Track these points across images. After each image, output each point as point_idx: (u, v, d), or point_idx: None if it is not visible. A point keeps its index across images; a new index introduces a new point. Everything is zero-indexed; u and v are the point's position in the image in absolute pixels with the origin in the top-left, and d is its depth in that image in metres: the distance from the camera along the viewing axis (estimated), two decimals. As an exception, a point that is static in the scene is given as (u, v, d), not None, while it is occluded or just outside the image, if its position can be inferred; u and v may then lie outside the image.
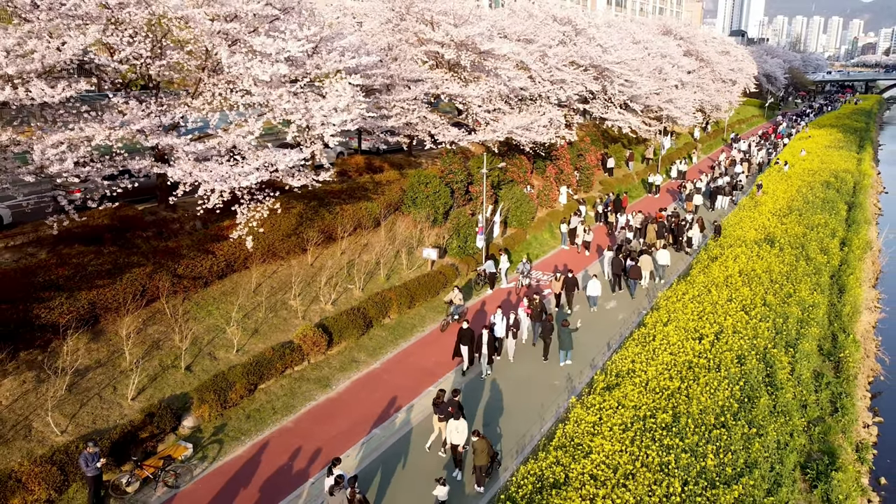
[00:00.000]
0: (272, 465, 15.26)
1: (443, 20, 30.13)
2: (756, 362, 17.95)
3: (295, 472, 15.05)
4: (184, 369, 17.24)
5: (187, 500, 14.02)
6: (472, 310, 24.48)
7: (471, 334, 19.58)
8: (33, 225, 19.44)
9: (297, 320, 20.53)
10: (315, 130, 20.44)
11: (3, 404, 14.52)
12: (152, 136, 16.82)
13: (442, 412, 15.59)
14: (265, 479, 14.74)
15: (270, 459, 15.46)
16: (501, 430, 16.95)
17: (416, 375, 19.39)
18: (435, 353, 20.80)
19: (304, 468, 15.20)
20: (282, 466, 15.22)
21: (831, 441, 16.16)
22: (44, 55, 14.28)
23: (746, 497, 12.84)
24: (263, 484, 14.59)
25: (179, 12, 18.06)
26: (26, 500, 12.78)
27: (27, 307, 15.86)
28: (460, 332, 19.62)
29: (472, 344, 19.65)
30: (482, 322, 22.55)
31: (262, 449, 15.86)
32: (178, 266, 19.24)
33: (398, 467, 15.50)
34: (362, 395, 18.40)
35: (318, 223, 23.74)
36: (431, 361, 20.35)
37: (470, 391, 18.79)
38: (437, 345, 21.38)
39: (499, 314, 20.68)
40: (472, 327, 20.93)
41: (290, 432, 16.62)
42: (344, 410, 17.59)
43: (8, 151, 13.98)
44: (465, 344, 19.55)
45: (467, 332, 19.54)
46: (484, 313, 24.00)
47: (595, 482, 13.27)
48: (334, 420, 17.12)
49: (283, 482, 14.67)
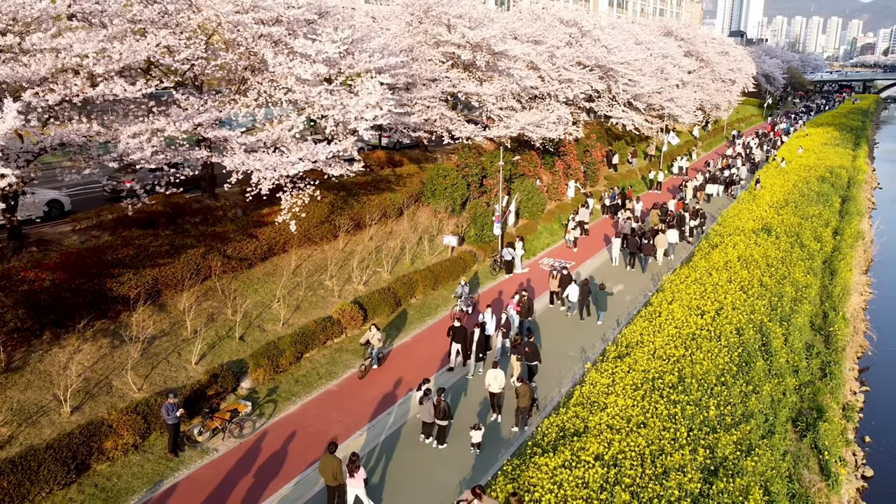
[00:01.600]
0: (323, 420, 17.16)
1: (458, 23, 32.03)
2: (753, 333, 19.84)
3: (344, 426, 16.94)
4: (238, 339, 19.15)
5: (251, 448, 15.92)
6: (490, 294, 26.36)
7: (464, 332, 19.82)
8: (96, 210, 21.36)
9: (334, 298, 22.43)
10: (350, 125, 22.31)
11: (85, 366, 16.40)
12: (209, 129, 18.72)
13: (519, 352, 18.91)
14: (318, 432, 16.63)
15: (321, 416, 17.36)
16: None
17: (443, 348, 21.22)
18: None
19: (352, 423, 17.10)
20: (331, 422, 17.11)
21: (820, 401, 18.03)
22: (122, 56, 16.18)
23: (744, 441, 14.72)
24: (317, 435, 16.46)
25: (231, 17, 20.01)
26: (117, 443, 14.68)
27: (101, 282, 17.76)
28: (453, 330, 19.78)
29: (465, 342, 19.92)
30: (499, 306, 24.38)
31: (312, 407, 17.77)
32: (227, 248, 21.16)
33: (465, 395, 17.85)
34: (397, 363, 20.29)
35: (347, 212, 25.66)
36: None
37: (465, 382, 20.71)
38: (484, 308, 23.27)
39: (489, 313, 20.93)
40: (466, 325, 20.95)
41: (335, 394, 18.53)
42: (381, 377, 19.48)
43: (93, 141, 15.83)
44: (458, 342, 19.83)
45: (460, 330, 19.73)
46: (501, 298, 25.88)
47: (611, 430, 15.14)
48: (374, 385, 19.01)
49: (333, 434, 16.55)
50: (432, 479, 14.97)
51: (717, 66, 68.75)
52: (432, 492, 14.54)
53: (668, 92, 51.10)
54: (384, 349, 20.79)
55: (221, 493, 14.39)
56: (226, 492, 14.42)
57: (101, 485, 14.14)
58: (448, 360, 20.27)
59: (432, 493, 14.51)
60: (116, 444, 14.66)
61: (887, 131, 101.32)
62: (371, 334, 19.32)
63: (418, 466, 15.47)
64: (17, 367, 15.64)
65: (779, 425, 15.94)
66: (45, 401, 15.24)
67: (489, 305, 21.88)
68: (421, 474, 15.17)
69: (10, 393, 15.02)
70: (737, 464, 13.76)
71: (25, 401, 15.02)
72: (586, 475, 13.22)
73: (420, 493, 14.50)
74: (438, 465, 15.49)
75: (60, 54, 15.27)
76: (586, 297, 23.75)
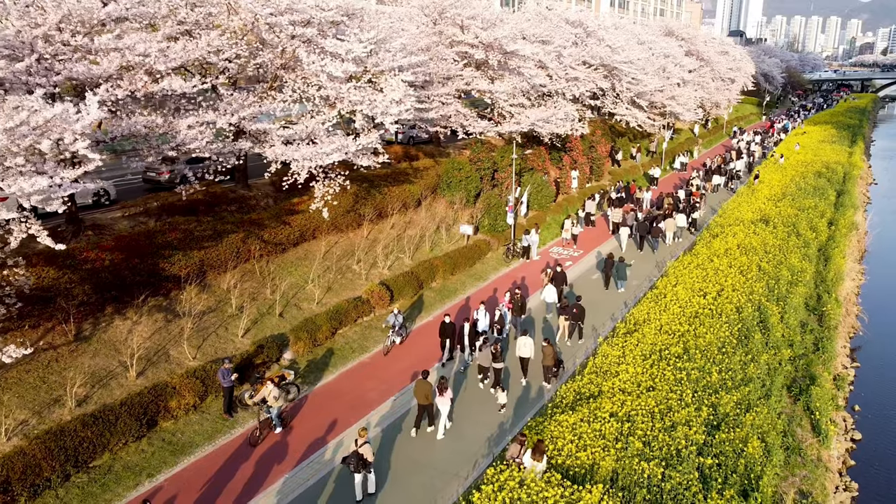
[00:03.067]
0: (359, 387, 18.80)
1: (472, 24, 33.66)
2: (752, 311, 21.49)
3: (379, 392, 18.59)
4: (277, 315, 20.80)
5: (297, 410, 17.56)
6: (503, 280, 27.99)
7: (452, 328, 20.27)
8: (143, 199, 23.02)
9: (362, 281, 24.07)
10: (377, 119, 23.92)
11: (144, 336, 18.03)
12: (252, 122, 20.34)
13: (567, 314, 21.79)
14: (355, 397, 18.28)
15: (356, 384, 19.01)
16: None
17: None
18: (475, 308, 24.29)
19: (386, 390, 18.75)
20: (367, 389, 18.76)
21: (813, 371, 19.68)
22: (179, 55, 17.80)
23: (743, 401, 16.37)
24: (355, 400, 18.12)
25: (268, 19, 21.63)
26: (180, 403, 16.32)
27: (154, 262, 19.39)
28: (442, 325, 20.26)
29: (453, 337, 20.40)
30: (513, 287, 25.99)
31: (348, 377, 19.43)
32: (263, 234, 22.79)
33: (464, 383, 19.24)
34: (421, 340, 21.94)
35: (370, 202, 27.30)
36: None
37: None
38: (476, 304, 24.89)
39: (482, 310, 21.25)
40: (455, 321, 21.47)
41: (368, 366, 20.19)
42: (409, 351, 21.13)
43: (154, 132, 17.45)
44: (447, 336, 20.27)
45: (449, 325, 20.19)
46: (517, 281, 27.53)
47: (623, 393, 16.77)
48: (403, 357, 20.66)
49: (371, 398, 18.20)
50: (464, 436, 16.62)
51: (717, 66, 70.40)
52: (464, 445, 16.18)
53: (669, 90, 52.73)
54: (278, 409, 16.59)
55: (272, 449, 16.03)
56: (277, 448, 16.06)
57: (167, 439, 15.78)
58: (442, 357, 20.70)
59: (464, 446, 16.15)
60: (179, 404, 16.30)
61: (884, 129, 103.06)
62: (268, 390, 15.97)
63: (455, 422, 17.09)
64: (86, 337, 17.27)
65: (775, 390, 17.59)
66: (113, 366, 16.88)
67: (483, 303, 22.42)
68: (453, 432, 16.80)
69: (81, 359, 16.65)
70: (737, 419, 15.41)
71: (95, 366, 16.65)
72: (603, 428, 14.86)
73: (452, 447, 16.14)
74: (467, 424, 17.13)
75: (125, 53, 16.89)
76: (610, 269, 26.89)
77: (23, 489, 13.15)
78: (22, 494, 13.15)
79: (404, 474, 15.15)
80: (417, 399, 16.40)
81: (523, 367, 19.27)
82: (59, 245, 13.14)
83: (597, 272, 28.99)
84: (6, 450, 13.75)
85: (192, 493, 14.28)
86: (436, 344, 21.31)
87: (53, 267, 17.24)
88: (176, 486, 14.53)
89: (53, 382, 15.76)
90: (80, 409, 15.33)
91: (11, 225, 13.02)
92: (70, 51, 16.64)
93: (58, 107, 12.86)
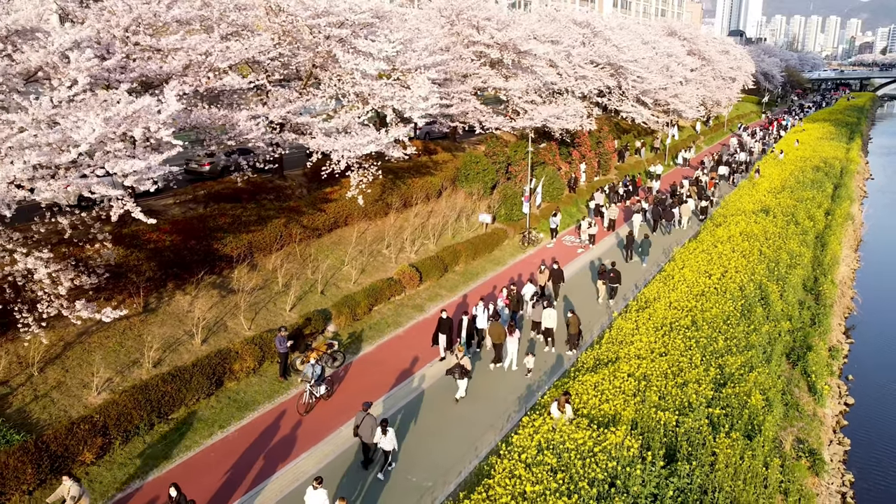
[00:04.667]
0: (397, 357, 20.68)
1: (487, 25, 35.57)
2: (753, 289, 23.36)
3: (415, 360, 20.47)
4: (319, 293, 22.68)
5: (342, 375, 19.45)
6: (520, 266, 29.87)
7: (449, 323, 20.53)
8: (193, 187, 24.93)
9: (392, 264, 25.95)
10: (406, 114, 25.81)
11: (203, 309, 19.89)
12: (296, 116, 22.22)
13: (605, 278, 25.20)
14: (394, 364, 20.16)
15: (394, 354, 20.89)
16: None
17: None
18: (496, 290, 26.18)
19: (421, 358, 20.63)
20: (404, 358, 20.63)
21: (809, 341, 21.56)
22: (236, 53, 19.70)
23: (747, 364, 18.23)
24: (394, 367, 20.00)
25: (308, 21, 23.53)
26: (242, 366, 18.20)
27: (209, 244, 21.28)
28: (440, 321, 20.55)
29: (451, 332, 20.57)
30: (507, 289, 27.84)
31: (386, 348, 21.32)
32: (302, 219, 24.68)
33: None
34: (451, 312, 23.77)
35: (396, 192, 29.18)
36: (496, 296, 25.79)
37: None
38: (497, 287, 26.79)
39: (480, 306, 21.54)
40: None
41: (402, 339, 22.07)
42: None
43: (214, 123, 19.32)
44: (444, 332, 20.46)
45: (446, 321, 20.45)
46: (514, 279, 29.41)
47: (639, 358, 18.64)
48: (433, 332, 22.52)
49: (408, 367, 20.06)
50: (497, 394, 18.53)
51: (718, 65, 72.27)
52: (497, 402, 18.08)
53: (673, 88, 54.61)
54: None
55: (323, 407, 17.90)
56: (326, 406, 17.93)
57: (232, 397, 17.67)
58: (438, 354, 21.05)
59: (497, 402, 18.05)
60: (242, 367, 18.18)
61: (882, 127, 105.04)
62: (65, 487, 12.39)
63: (485, 386, 18.99)
64: (153, 309, 19.16)
65: (775, 356, 19.46)
66: (179, 334, 18.77)
67: (481, 299, 22.76)
68: (489, 391, 18.70)
69: (151, 328, 18.54)
70: (741, 378, 17.28)
71: (164, 334, 18.54)
72: (622, 385, 16.74)
73: (489, 403, 18.03)
74: (500, 384, 19.05)
75: (189, 52, 18.77)
76: (630, 245, 30.62)
77: (117, 434, 15.03)
78: (117, 438, 15.03)
79: (447, 428, 17.03)
80: (492, 338, 20.15)
81: (546, 337, 21.12)
82: (150, 220, 14.99)
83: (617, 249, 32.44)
84: (97, 402, 15.64)
85: (261, 442, 16.16)
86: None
87: (122, 246, 19.13)
88: (244, 436, 16.41)
89: (130, 347, 17.66)
90: (155, 369, 17.21)
91: (112, 202, 14.86)
92: (140, 50, 18.54)
93: (142, 100, 14.73)
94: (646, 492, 12.99)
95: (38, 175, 13.20)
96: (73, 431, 14.25)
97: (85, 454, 14.32)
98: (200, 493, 14.01)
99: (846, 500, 16.58)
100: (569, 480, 13.13)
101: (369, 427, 14.82)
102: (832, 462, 17.57)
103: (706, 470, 13.78)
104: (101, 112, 14.02)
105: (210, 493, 14.30)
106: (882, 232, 42.58)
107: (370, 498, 14.46)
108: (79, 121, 13.59)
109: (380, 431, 14.71)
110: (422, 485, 14.80)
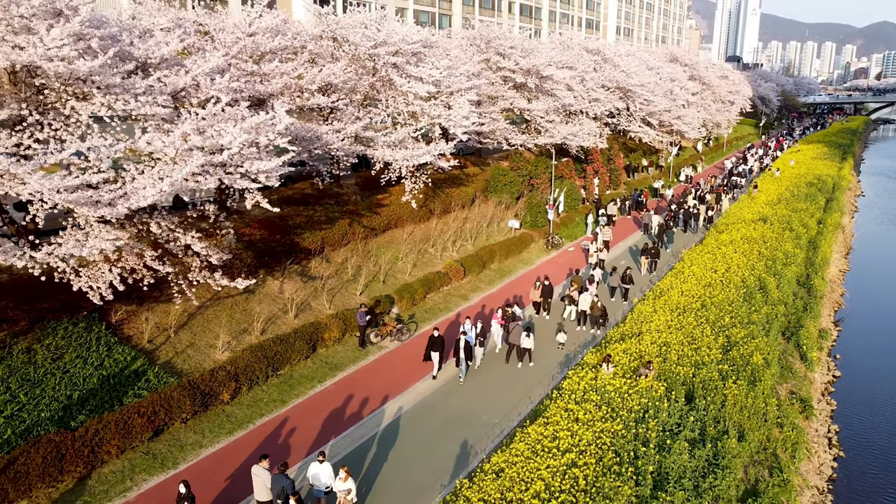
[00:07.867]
0: (450, 335, 24.34)
1: (512, 53, 39.77)
2: (754, 281, 27.13)
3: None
4: (381, 282, 26.43)
5: (409, 347, 23.11)
6: (544, 267, 33.63)
7: (441, 342, 20.95)
8: (269, 191, 28.70)
9: (437, 260, 29.75)
10: (450, 131, 29.77)
11: (292, 291, 23.64)
12: (364, 131, 26.16)
13: (647, 254, 31.87)
14: (449, 340, 23.81)
15: (448, 332, 24.55)
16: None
17: (520, 295, 28.49)
18: (528, 286, 29.89)
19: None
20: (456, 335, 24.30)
21: (802, 322, 25.29)
22: (322, 77, 23.67)
23: (750, 335, 21.95)
24: (449, 341, 23.66)
25: (369, 51, 27.59)
26: (330, 335, 21.91)
27: (290, 238, 25.09)
28: (431, 339, 20.93)
29: (442, 350, 20.90)
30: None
31: (441, 327, 24.99)
32: (362, 220, 28.52)
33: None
34: (491, 302, 27.54)
35: (437, 200, 33.08)
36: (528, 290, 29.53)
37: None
38: (529, 283, 30.52)
39: (468, 324, 22.19)
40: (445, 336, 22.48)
41: (452, 322, 25.77)
42: (481, 311, 26.72)
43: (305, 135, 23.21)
44: (436, 350, 20.81)
45: (438, 339, 20.88)
46: (513, 297, 33.16)
47: (658, 332, 22.36)
48: (477, 315, 26.24)
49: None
50: (537, 363, 22.20)
51: (718, 89, 76.80)
52: (535, 370, 21.76)
53: (676, 110, 58.90)
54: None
55: (395, 370, 21.53)
56: (398, 370, 21.56)
57: (323, 360, 21.34)
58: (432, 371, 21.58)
59: (535, 369, 21.72)
60: (330, 336, 21.89)
61: (874, 149, 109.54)
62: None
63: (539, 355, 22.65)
64: (251, 291, 22.90)
65: (772, 331, 23.18)
66: (275, 311, 22.50)
67: (468, 317, 23.53)
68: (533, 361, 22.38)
69: (252, 305, 22.27)
70: (745, 344, 20.99)
71: (262, 311, 22.25)
72: (647, 349, 20.45)
73: (526, 370, 21.70)
74: (540, 354, 22.73)
75: (285, 76, 22.75)
76: (662, 233, 36.57)
77: (245, 381, 18.71)
78: (244, 384, 18.71)
79: (507, 383, 20.70)
80: (533, 297, 25.98)
81: (579, 319, 24.86)
82: (275, 209, 18.81)
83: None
84: (223, 358, 19.34)
85: (353, 392, 19.80)
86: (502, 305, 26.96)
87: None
88: (340, 389, 20.04)
89: (239, 318, 21.39)
90: (262, 336, 20.92)
91: (246, 194, 18.68)
92: (247, 74, 22.52)
93: (262, 115, 18.61)
94: (672, 421, 16.67)
95: (201, 171, 17.03)
96: (214, 376, 17.94)
97: (223, 394, 17.99)
98: (312, 429, 17.65)
99: (832, 443, 20.22)
100: (611, 411, 16.82)
101: (518, 333, 21.94)
102: (820, 416, 21.21)
103: (718, 406, 17.47)
104: (237, 123, 17.93)
105: (318, 429, 17.90)
106: (870, 241, 46.48)
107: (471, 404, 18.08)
108: (222, 130, 17.47)
109: (524, 335, 21.71)
110: (491, 420, 18.45)
